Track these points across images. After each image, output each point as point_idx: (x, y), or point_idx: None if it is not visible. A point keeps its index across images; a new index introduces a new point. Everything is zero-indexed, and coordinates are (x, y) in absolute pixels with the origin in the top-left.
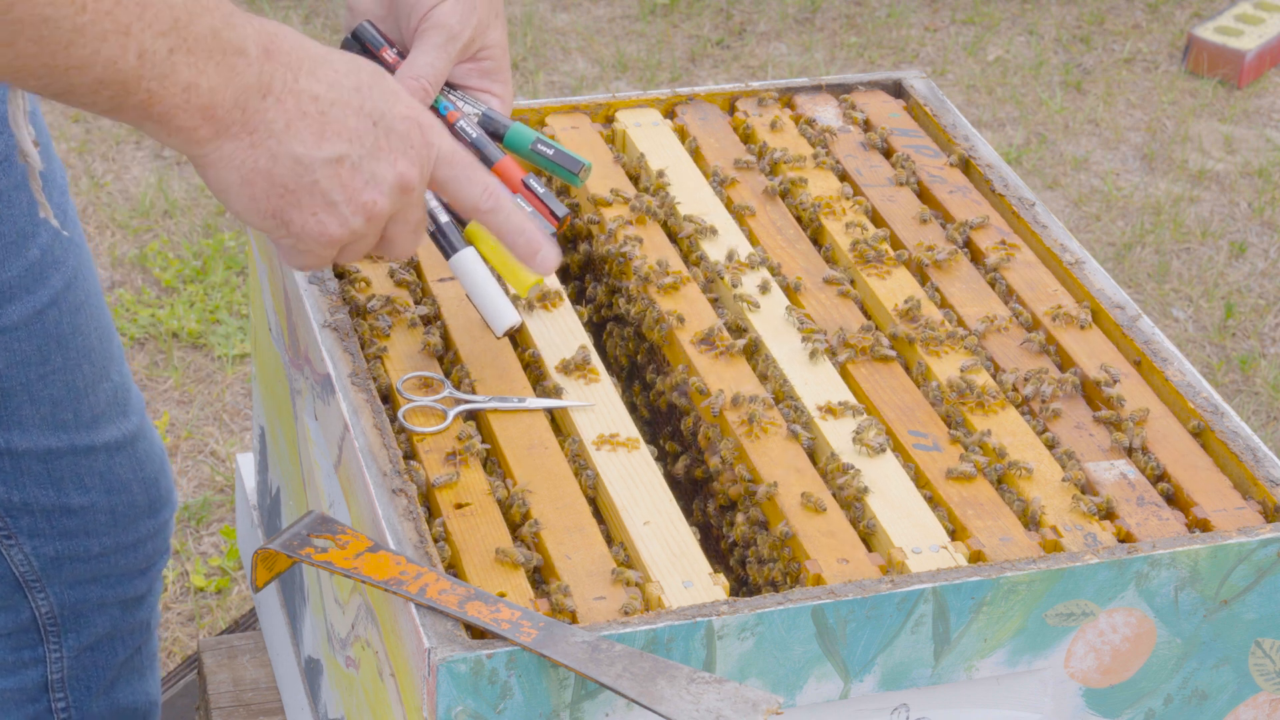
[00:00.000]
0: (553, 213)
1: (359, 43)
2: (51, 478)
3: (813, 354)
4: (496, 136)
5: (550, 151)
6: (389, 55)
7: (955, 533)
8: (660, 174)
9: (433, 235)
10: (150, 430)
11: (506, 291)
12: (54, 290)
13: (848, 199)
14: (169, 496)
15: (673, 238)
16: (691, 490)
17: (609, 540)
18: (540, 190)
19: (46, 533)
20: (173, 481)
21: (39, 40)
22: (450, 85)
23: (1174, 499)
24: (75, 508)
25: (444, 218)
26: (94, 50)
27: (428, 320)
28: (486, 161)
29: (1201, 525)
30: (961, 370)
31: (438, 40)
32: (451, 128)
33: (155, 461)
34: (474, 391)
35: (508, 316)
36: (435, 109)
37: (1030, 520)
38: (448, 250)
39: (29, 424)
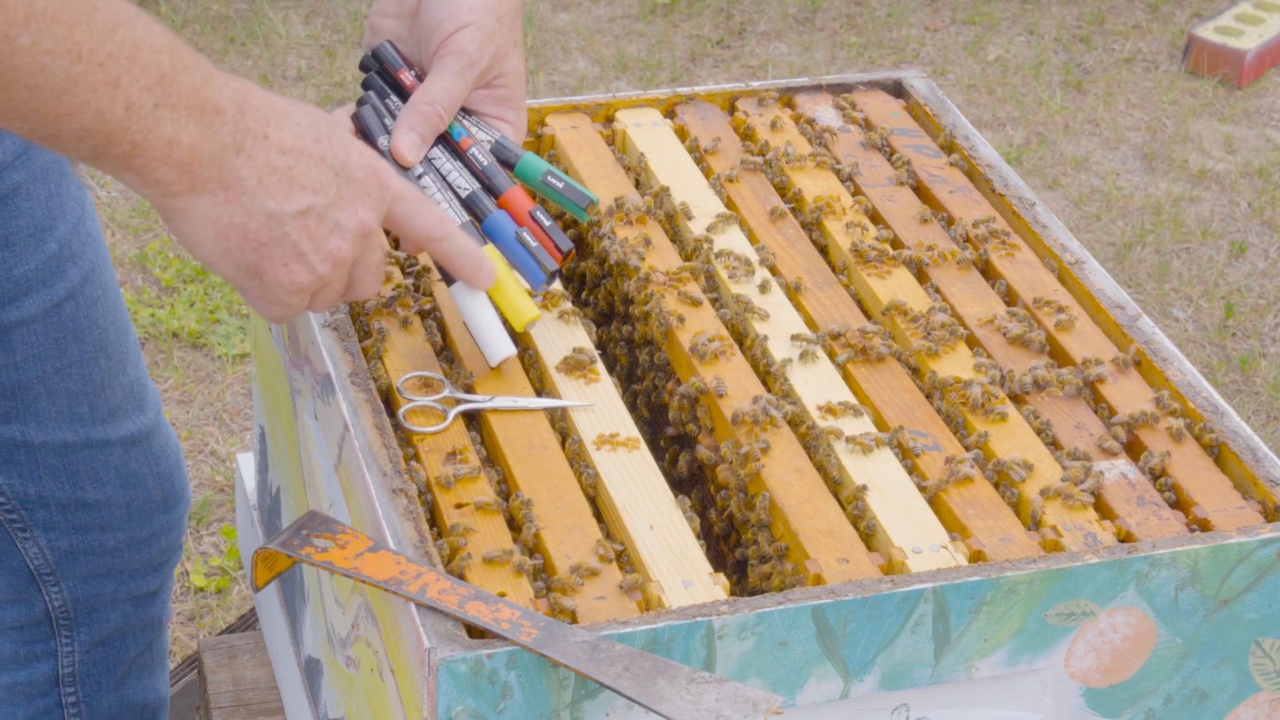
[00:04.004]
0: (557, 246)
1: (379, 62)
2: (67, 471)
3: (803, 355)
4: (508, 165)
5: (560, 185)
6: (406, 77)
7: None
8: (660, 174)
9: (436, 261)
10: (165, 426)
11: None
12: (71, 284)
13: (848, 198)
14: (184, 492)
15: (673, 237)
16: (690, 486)
17: (609, 540)
18: (546, 223)
19: (61, 526)
20: (187, 478)
21: (33, 88)
22: (465, 110)
23: (1174, 499)
24: (90, 502)
25: None
26: (84, 100)
27: (425, 317)
28: (495, 191)
29: (1202, 525)
30: (968, 369)
31: (455, 66)
32: (463, 154)
33: (170, 457)
34: (474, 391)
35: (502, 348)
36: (449, 134)
37: (1030, 519)
38: (449, 278)
39: (45, 417)
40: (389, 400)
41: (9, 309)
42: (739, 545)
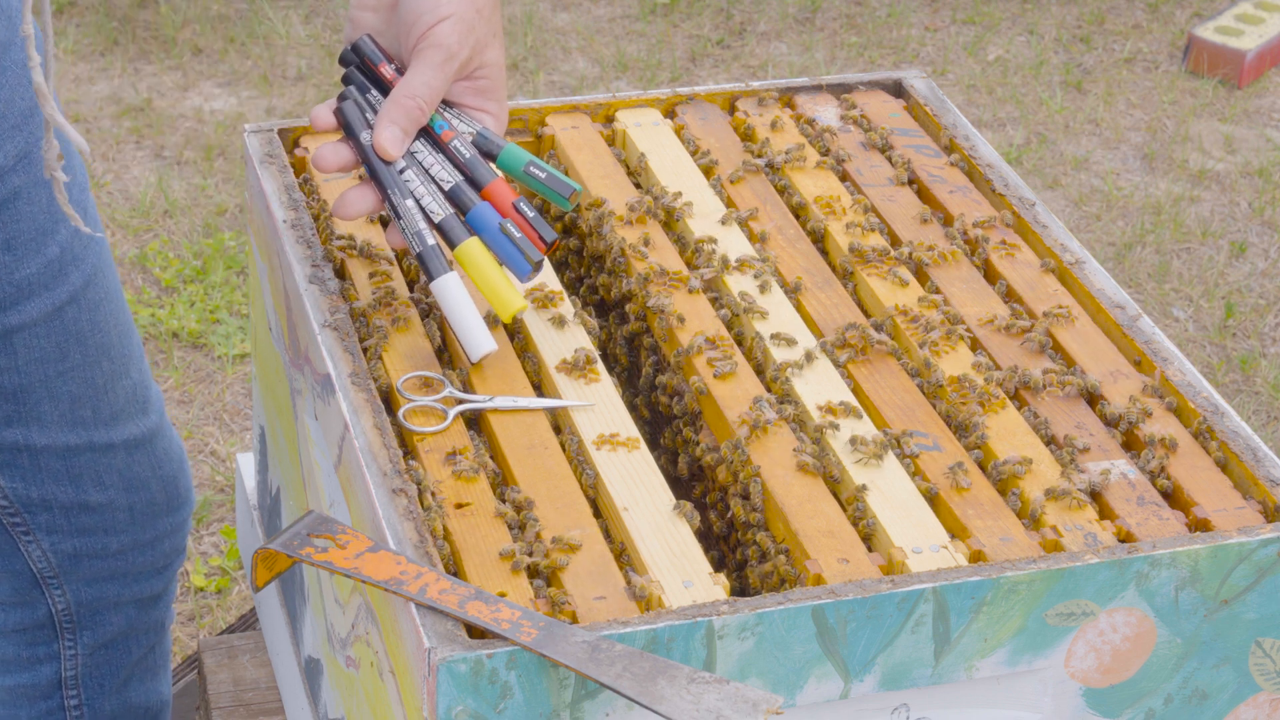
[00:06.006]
0: (541, 237)
1: (358, 56)
2: (70, 474)
3: (808, 356)
4: (490, 156)
5: (542, 175)
6: (387, 71)
7: (941, 521)
8: (660, 174)
9: (418, 257)
10: (169, 429)
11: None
12: (73, 287)
13: (848, 198)
14: (188, 495)
15: (674, 239)
16: (690, 486)
17: (609, 540)
18: (530, 214)
19: (64, 529)
20: (191, 480)
21: None
22: (446, 103)
23: (1174, 499)
24: (94, 505)
25: (430, 241)
26: None
27: (426, 317)
28: (478, 183)
29: (1202, 525)
30: (968, 369)
31: (435, 59)
32: (445, 147)
33: (174, 460)
34: (474, 391)
35: (483, 344)
36: (430, 127)
37: (1030, 519)
38: (431, 274)
39: (48, 420)
40: (389, 400)
41: (11, 313)
42: (739, 545)
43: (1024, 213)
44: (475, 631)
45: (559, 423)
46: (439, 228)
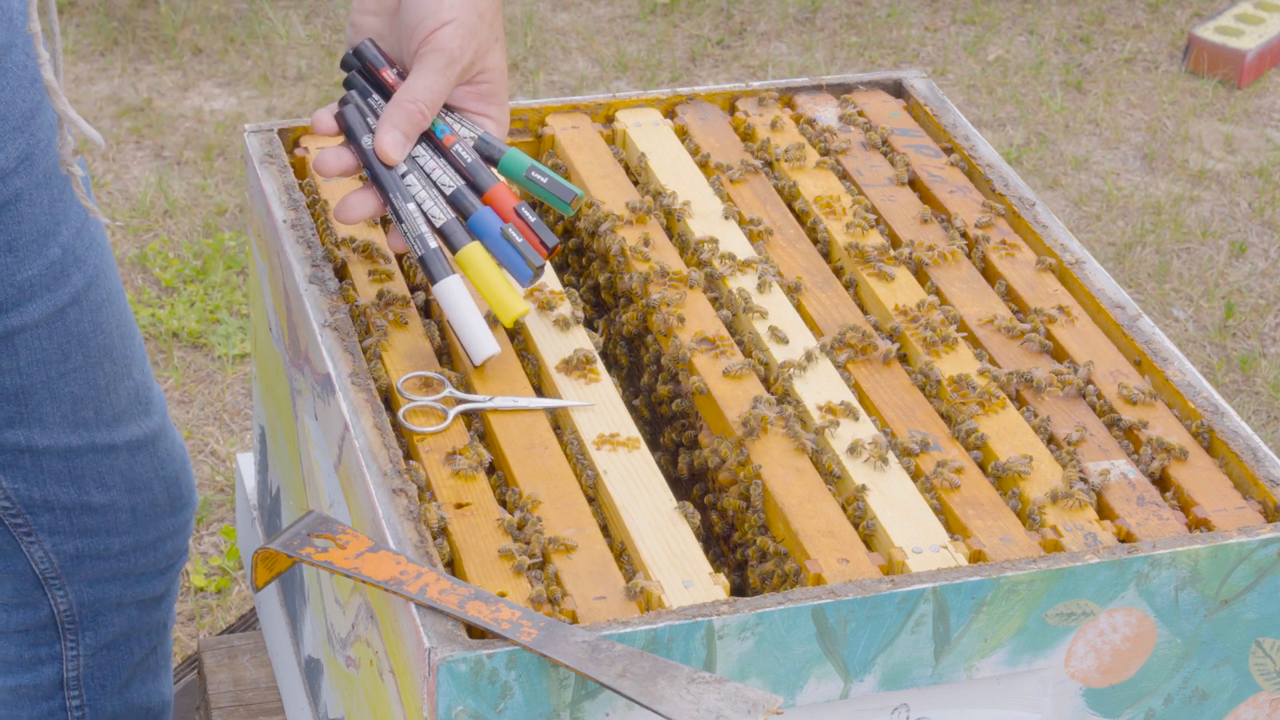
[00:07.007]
0: (543, 242)
1: (360, 60)
2: (72, 475)
3: (808, 355)
4: (492, 161)
5: (544, 180)
6: (389, 75)
7: (946, 523)
8: (660, 175)
9: (420, 260)
10: (172, 430)
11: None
12: (75, 289)
13: (848, 199)
14: (190, 496)
15: (673, 237)
16: (690, 487)
17: (609, 540)
18: (532, 219)
19: (67, 530)
20: (194, 481)
21: None
22: (447, 107)
23: (1175, 499)
24: (96, 506)
25: (433, 244)
26: None
27: (426, 316)
28: (480, 188)
29: (1202, 525)
30: (968, 369)
31: (438, 64)
32: (447, 151)
33: (177, 461)
34: (474, 391)
35: (486, 346)
36: (432, 132)
37: (1029, 519)
38: (433, 277)
39: (50, 422)
40: (389, 400)
41: (12, 314)
42: (739, 545)
43: (1024, 213)
44: (475, 631)
45: (559, 423)
46: (441, 232)
